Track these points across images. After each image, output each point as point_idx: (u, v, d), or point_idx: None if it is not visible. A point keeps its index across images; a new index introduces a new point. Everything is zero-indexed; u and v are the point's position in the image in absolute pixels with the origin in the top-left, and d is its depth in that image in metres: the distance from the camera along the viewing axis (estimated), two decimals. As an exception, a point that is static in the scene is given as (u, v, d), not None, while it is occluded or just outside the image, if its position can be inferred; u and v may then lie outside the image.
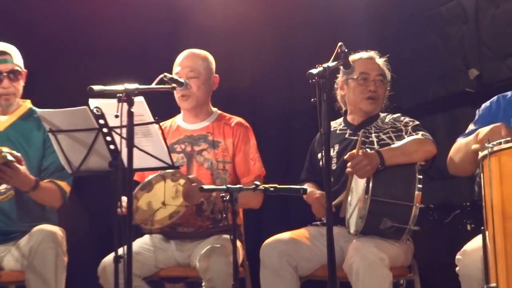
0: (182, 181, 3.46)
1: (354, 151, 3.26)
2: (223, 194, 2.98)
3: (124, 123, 2.89)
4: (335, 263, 2.76)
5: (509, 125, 2.86)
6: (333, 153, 3.68)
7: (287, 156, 5.10)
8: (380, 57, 3.80)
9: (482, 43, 5.46)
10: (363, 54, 3.48)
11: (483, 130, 2.85)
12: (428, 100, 5.71)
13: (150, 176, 3.47)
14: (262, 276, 3.44)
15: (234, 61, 4.48)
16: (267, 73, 5.53)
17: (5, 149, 3.37)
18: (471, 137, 2.95)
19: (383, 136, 3.57)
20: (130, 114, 2.88)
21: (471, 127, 3.17)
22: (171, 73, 3.66)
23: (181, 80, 3.46)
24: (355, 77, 3.64)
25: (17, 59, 3.67)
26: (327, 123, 2.79)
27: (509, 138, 2.60)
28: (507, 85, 3.31)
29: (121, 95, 2.88)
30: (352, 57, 3.47)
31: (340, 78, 3.74)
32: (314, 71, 2.78)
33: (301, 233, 3.55)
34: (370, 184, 3.22)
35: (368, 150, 3.37)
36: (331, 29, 5.40)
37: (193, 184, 3.46)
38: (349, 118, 3.78)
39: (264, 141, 4.05)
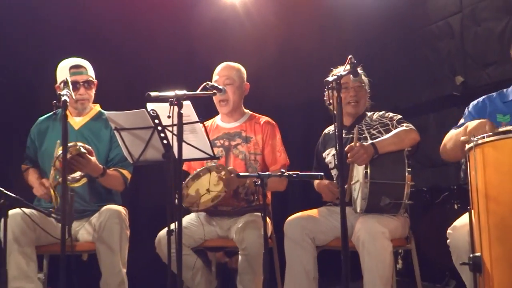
0: (223, 172, 3.47)
1: (352, 144, 3.23)
2: (256, 180, 2.98)
3: (175, 122, 2.91)
4: (348, 236, 2.76)
5: (495, 122, 2.81)
6: (334, 151, 3.65)
7: (306, 148, 5.05)
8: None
9: (467, 55, 5.42)
10: (351, 77, 3.31)
11: (471, 124, 2.81)
12: (422, 102, 5.68)
13: (198, 169, 3.50)
14: (286, 246, 3.43)
15: (262, 72, 4.48)
16: (289, 81, 5.56)
17: (79, 143, 3.41)
18: (461, 129, 2.91)
19: (374, 132, 3.52)
20: (180, 115, 2.91)
21: (462, 121, 3.11)
22: (211, 81, 3.68)
23: (220, 87, 3.46)
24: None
25: (90, 71, 3.71)
26: (340, 120, 2.80)
27: (491, 133, 2.58)
28: (488, 90, 3.26)
29: (172, 99, 2.91)
30: (335, 71, 3.42)
31: (326, 92, 3.63)
32: (329, 79, 2.78)
33: (317, 212, 3.54)
34: (368, 170, 3.19)
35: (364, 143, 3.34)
36: (342, 44, 5.38)
37: (231, 175, 3.48)
38: (346, 111, 3.70)
39: (288, 136, 4.04)
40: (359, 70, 3.55)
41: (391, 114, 3.60)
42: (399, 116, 3.56)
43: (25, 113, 4.13)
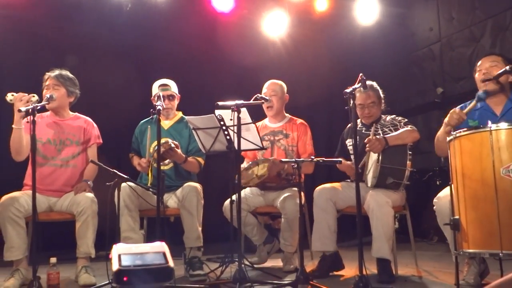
0: (266, 164, 3.45)
1: (371, 137, 3.18)
2: (293, 164, 2.97)
3: (235, 123, 2.93)
4: (361, 204, 2.73)
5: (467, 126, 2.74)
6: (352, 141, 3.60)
7: (329, 141, 5.05)
8: (375, 86, 3.52)
9: (445, 72, 5.36)
10: (362, 89, 3.02)
11: (446, 119, 2.78)
12: (412, 106, 5.64)
13: (250, 162, 3.50)
14: (314, 211, 3.40)
15: (296, 86, 4.42)
16: (316, 92, 5.52)
17: (170, 140, 3.44)
18: (442, 128, 2.87)
19: (386, 130, 3.42)
20: (238, 118, 2.92)
21: None
22: (261, 93, 3.67)
23: (267, 97, 3.45)
24: (357, 104, 3.47)
25: (173, 88, 3.68)
26: (355, 121, 2.76)
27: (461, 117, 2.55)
28: (460, 97, 3.20)
29: (233, 107, 2.92)
30: (358, 90, 3.15)
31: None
32: (347, 90, 2.74)
33: (337, 185, 3.48)
34: (380, 157, 3.14)
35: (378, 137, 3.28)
36: (354, 65, 5.31)
37: (274, 162, 3.47)
38: (363, 120, 3.60)
39: (316, 132, 3.99)
40: (376, 86, 3.50)
41: (399, 118, 3.49)
42: (406, 120, 3.46)
43: (129, 118, 4.17)
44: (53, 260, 2.90)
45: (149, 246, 1.47)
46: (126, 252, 1.42)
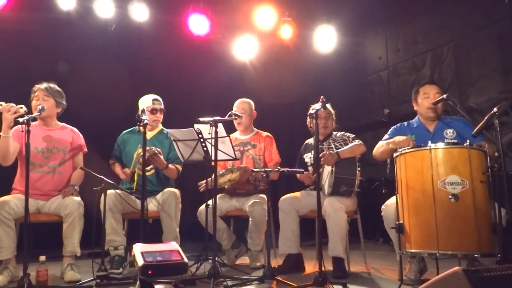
0: (239, 173, 3.49)
1: (325, 152, 3.28)
2: (263, 173, 3.04)
3: (212, 136, 2.98)
4: (321, 209, 2.82)
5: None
6: (310, 155, 3.69)
7: (290, 152, 5.11)
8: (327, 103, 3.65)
9: (391, 95, 5.53)
10: (322, 109, 3.06)
11: (399, 138, 2.90)
12: (363, 124, 5.77)
13: (224, 170, 3.53)
14: (280, 216, 3.47)
15: (263, 102, 4.51)
16: (280, 109, 5.62)
17: (153, 147, 3.43)
18: (390, 140, 2.98)
19: (337, 144, 3.54)
20: (215, 132, 2.97)
21: (386, 136, 3.19)
22: (232, 110, 3.74)
23: (239, 114, 3.52)
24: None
25: (162, 103, 3.70)
26: (317, 136, 2.86)
27: (410, 146, 2.68)
28: (404, 117, 3.34)
29: (211, 122, 2.98)
30: (312, 106, 3.22)
31: (309, 119, 3.38)
32: (311, 111, 2.84)
33: (299, 194, 3.57)
34: (333, 169, 3.25)
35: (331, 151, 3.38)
36: (313, 87, 5.47)
37: (246, 170, 3.53)
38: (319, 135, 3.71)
39: (279, 143, 4.06)
40: (329, 106, 3.62)
41: (348, 134, 3.63)
42: (354, 135, 3.60)
43: (112, 128, 4.13)
44: (42, 258, 2.86)
45: (164, 245, 1.57)
46: (147, 250, 1.50)
